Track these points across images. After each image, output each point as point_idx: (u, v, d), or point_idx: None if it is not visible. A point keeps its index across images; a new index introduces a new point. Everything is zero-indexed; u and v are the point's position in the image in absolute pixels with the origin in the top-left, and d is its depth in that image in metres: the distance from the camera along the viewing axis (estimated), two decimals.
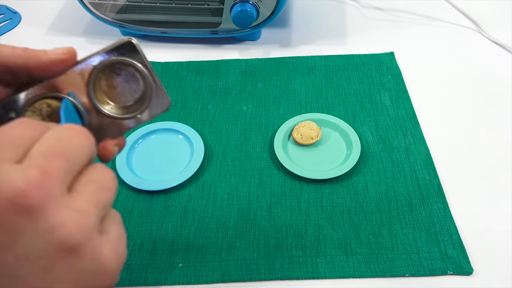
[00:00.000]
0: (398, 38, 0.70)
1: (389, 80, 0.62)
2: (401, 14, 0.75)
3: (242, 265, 0.44)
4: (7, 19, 0.75)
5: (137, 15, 0.65)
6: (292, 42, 0.70)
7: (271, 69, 0.64)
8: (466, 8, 0.72)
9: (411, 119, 0.57)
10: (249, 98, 0.60)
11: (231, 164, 0.53)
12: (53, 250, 0.19)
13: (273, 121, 0.57)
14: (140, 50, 0.31)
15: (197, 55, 0.68)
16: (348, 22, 0.73)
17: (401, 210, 0.48)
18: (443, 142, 0.55)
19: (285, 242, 0.45)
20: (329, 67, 0.64)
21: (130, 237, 0.46)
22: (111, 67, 0.31)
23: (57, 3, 0.78)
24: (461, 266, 0.43)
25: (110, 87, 0.31)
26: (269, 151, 0.54)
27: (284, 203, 0.49)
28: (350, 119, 0.57)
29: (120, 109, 0.32)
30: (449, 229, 0.46)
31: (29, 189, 0.19)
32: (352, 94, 0.60)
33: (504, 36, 0.69)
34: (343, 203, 0.48)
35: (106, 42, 0.69)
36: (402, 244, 0.45)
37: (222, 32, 0.66)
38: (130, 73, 0.31)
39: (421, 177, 0.51)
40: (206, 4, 0.62)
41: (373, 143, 0.54)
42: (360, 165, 0.52)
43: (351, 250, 0.45)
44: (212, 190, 0.50)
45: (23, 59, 0.27)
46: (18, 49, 0.27)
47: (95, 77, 0.31)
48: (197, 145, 0.53)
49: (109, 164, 0.53)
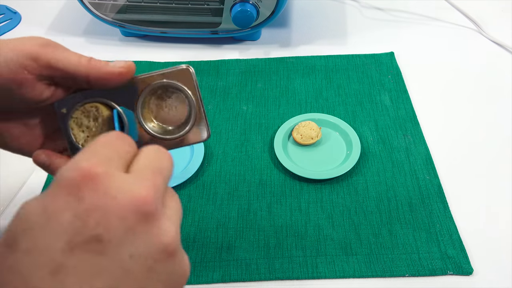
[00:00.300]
0: (398, 38, 0.70)
1: (389, 80, 0.62)
2: (401, 14, 0.75)
3: (242, 265, 0.44)
4: (7, 19, 0.75)
5: (137, 15, 0.65)
6: (292, 42, 0.70)
7: (271, 69, 0.64)
8: (466, 8, 0.72)
9: (411, 119, 0.57)
10: (249, 98, 0.60)
11: (231, 164, 0.53)
12: (158, 252, 0.23)
13: (273, 121, 0.57)
14: (195, 79, 0.32)
15: (197, 55, 0.68)
16: (348, 22, 0.73)
17: (401, 210, 0.48)
18: (443, 142, 0.55)
19: (285, 242, 0.45)
20: (329, 67, 0.64)
21: None
22: (164, 89, 0.33)
23: (57, 3, 0.78)
24: (461, 266, 0.43)
25: (158, 107, 0.33)
26: (269, 151, 0.54)
27: (284, 203, 0.49)
28: (350, 119, 0.57)
29: (161, 129, 0.33)
30: (449, 229, 0.46)
31: (149, 198, 0.22)
32: (352, 94, 0.60)
33: (504, 36, 0.69)
34: (343, 203, 0.48)
35: (106, 42, 0.70)
36: (402, 244, 0.45)
37: (222, 32, 0.66)
38: (180, 99, 0.33)
39: (421, 177, 0.51)
40: (206, 4, 0.62)
41: (373, 143, 0.54)
42: (360, 165, 0.52)
43: (351, 250, 0.45)
44: (212, 190, 0.50)
45: (86, 68, 0.29)
46: (84, 58, 0.29)
47: (146, 95, 0.32)
48: (197, 145, 0.53)
49: None
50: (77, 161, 0.23)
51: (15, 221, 0.22)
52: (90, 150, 0.24)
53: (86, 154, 0.23)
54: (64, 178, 0.22)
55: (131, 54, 0.68)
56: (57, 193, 0.22)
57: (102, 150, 0.24)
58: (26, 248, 0.21)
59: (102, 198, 0.22)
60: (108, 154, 0.24)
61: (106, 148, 0.24)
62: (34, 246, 0.21)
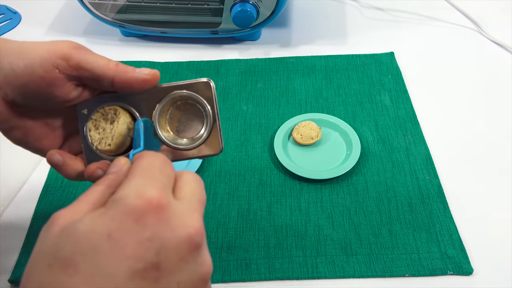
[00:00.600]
0: (398, 38, 0.70)
1: (389, 80, 0.62)
2: (401, 14, 0.75)
3: (242, 265, 0.44)
4: (7, 19, 0.75)
5: (137, 15, 0.65)
6: (292, 42, 0.70)
7: (271, 69, 0.64)
8: (466, 8, 0.72)
9: (411, 119, 0.57)
10: (249, 98, 0.60)
11: (231, 164, 0.53)
12: (199, 279, 0.24)
13: (273, 121, 0.57)
14: (214, 93, 0.33)
15: (197, 55, 0.68)
16: (348, 22, 0.73)
17: (401, 210, 0.48)
18: (443, 142, 0.55)
19: (285, 242, 0.45)
20: (329, 67, 0.64)
21: None
22: (183, 100, 0.33)
23: (57, 3, 0.78)
24: (461, 266, 0.43)
25: (174, 117, 0.34)
26: (269, 151, 0.54)
27: (284, 203, 0.49)
28: (350, 119, 0.57)
29: (173, 139, 0.34)
30: (449, 229, 0.46)
31: (199, 230, 0.24)
32: (352, 94, 0.60)
33: (504, 36, 0.69)
34: (343, 203, 0.48)
35: (106, 42, 0.70)
36: (402, 244, 0.45)
37: (222, 32, 0.66)
38: (197, 111, 0.34)
39: (421, 177, 0.51)
40: (206, 4, 0.62)
41: (373, 143, 0.54)
42: (360, 165, 0.52)
43: (351, 250, 0.45)
44: (212, 190, 0.50)
45: (113, 71, 0.31)
46: (112, 62, 0.31)
47: (166, 104, 0.33)
48: None
49: None
50: (141, 189, 0.24)
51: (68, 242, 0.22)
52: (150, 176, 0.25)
53: (149, 181, 0.24)
54: (129, 204, 0.23)
55: (131, 54, 0.68)
56: (123, 219, 0.22)
57: (160, 177, 0.25)
58: (89, 272, 0.21)
59: (164, 228, 0.23)
60: (164, 181, 0.25)
61: (162, 174, 0.26)
62: (99, 271, 0.21)
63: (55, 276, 0.21)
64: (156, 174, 0.25)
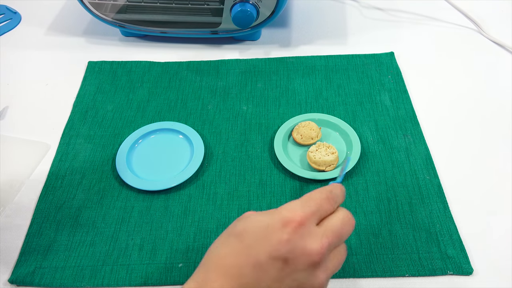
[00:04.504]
0: (398, 38, 0.70)
1: (389, 80, 0.62)
2: (401, 14, 0.75)
3: None
4: (7, 19, 0.75)
5: (137, 15, 0.65)
6: (292, 42, 0.70)
7: (271, 69, 0.64)
8: (466, 8, 0.72)
9: (411, 119, 0.57)
10: (249, 98, 0.60)
11: (231, 164, 0.53)
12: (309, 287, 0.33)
13: (273, 121, 0.57)
14: None
15: (197, 55, 0.68)
16: (348, 22, 0.73)
17: (401, 210, 0.48)
18: (443, 142, 0.55)
19: None
20: (329, 67, 0.64)
21: (130, 237, 0.46)
22: None
23: (57, 3, 0.78)
24: (461, 266, 0.43)
25: None
26: (269, 151, 0.54)
27: (284, 203, 0.48)
28: (350, 119, 0.57)
29: None
30: (449, 229, 0.46)
31: (321, 252, 0.32)
32: (352, 94, 0.60)
33: (504, 36, 0.69)
34: (343, 203, 0.48)
35: (106, 42, 0.70)
36: (402, 244, 0.45)
37: (222, 32, 0.66)
38: None
39: (421, 177, 0.51)
40: (206, 4, 0.62)
41: (373, 143, 0.54)
42: (360, 165, 0.52)
43: (351, 250, 0.45)
44: (212, 190, 0.50)
45: None
46: None
47: None
48: (197, 145, 0.53)
49: (109, 165, 0.53)
50: (295, 208, 0.34)
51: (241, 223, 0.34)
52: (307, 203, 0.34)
53: (303, 205, 0.34)
54: (283, 214, 0.33)
55: (131, 54, 0.68)
56: (276, 221, 0.33)
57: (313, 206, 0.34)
58: (248, 243, 0.32)
59: (297, 238, 0.32)
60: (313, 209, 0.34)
61: (316, 205, 0.34)
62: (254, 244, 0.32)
63: (229, 240, 0.33)
64: (311, 203, 0.34)
